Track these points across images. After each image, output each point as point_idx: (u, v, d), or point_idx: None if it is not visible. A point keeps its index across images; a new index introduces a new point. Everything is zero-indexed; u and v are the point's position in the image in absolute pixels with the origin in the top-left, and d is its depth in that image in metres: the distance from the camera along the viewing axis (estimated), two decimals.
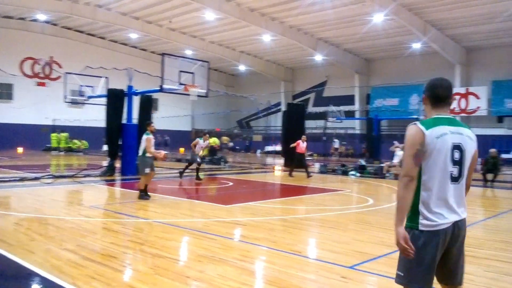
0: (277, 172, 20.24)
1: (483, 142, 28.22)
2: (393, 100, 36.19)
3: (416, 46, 31.71)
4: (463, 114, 32.48)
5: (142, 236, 6.68)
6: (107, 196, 12.13)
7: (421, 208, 2.71)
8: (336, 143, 35.84)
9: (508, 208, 10.49)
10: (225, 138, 39.65)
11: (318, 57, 36.19)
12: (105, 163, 16.68)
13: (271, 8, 28.42)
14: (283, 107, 40.05)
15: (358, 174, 18.39)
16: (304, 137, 17.71)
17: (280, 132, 27.66)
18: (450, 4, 25.44)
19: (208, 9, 27.84)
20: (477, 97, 31.83)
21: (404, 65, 35.30)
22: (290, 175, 17.34)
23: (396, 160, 17.31)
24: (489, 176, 15.61)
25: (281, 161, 21.46)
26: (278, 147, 29.59)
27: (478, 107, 31.63)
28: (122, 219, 7.98)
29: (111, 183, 13.99)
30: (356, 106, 38.58)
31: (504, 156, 26.05)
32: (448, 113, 2.84)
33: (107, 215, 8.44)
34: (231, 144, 41.63)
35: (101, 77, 19.90)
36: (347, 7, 26.47)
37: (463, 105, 32.39)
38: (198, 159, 14.48)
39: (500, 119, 31.77)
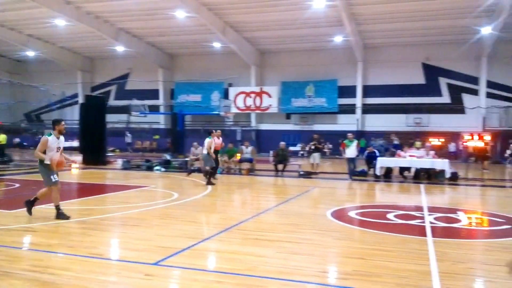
0: (75, 170, 18.60)
1: (275, 136, 31.54)
2: (196, 96, 37.37)
3: (217, 45, 33.35)
4: (258, 111, 35.70)
5: None
6: None
7: None
8: (129, 138, 35.17)
9: (296, 194, 11.84)
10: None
11: (120, 48, 34.69)
12: None
13: None
14: (80, 99, 37.18)
15: (163, 169, 18.30)
16: (218, 131, 15.47)
17: (77, 126, 25.52)
18: (246, 8, 27.49)
19: None
20: (269, 96, 35.36)
21: (207, 63, 36.78)
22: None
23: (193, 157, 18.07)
24: (280, 167, 17.43)
25: (79, 157, 19.81)
26: (76, 143, 27.25)
27: (270, 105, 35.21)
28: None
29: None
30: (161, 101, 38.46)
31: (291, 148, 29.63)
32: None
33: None
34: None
35: None
36: None
37: (257, 103, 35.55)
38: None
39: (288, 116, 36.05)
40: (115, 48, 35.02)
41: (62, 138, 7.74)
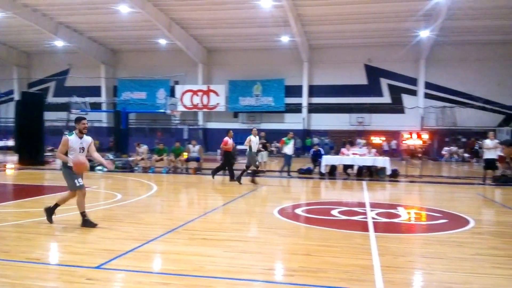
0: (10, 170, 17.55)
1: (222, 135, 31.38)
2: (141, 93, 36.48)
3: (162, 42, 32.72)
4: (205, 110, 35.44)
5: None
6: None
7: None
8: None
9: (243, 192, 11.84)
10: None
11: (59, 43, 33.18)
12: None
13: None
14: (16, 96, 35.18)
15: (105, 169, 17.65)
16: (230, 132, 14.82)
17: (12, 124, 24.09)
18: (193, 5, 27.20)
19: None
20: (217, 94, 35.21)
21: (152, 60, 35.98)
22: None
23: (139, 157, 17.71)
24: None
25: (14, 158, 18.72)
26: (11, 142, 25.71)
27: (218, 104, 35.07)
28: None
29: None
30: (103, 98, 37.17)
31: (239, 147, 29.64)
32: None
33: None
34: None
35: None
36: None
37: (205, 101, 35.28)
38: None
39: (235, 115, 36.06)
40: (54, 43, 33.45)
41: (86, 137, 7.16)
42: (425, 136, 30.94)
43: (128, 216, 8.04)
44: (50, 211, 7.13)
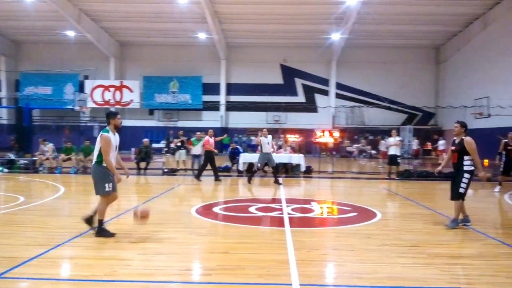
0: None
1: (137, 132, 30.43)
2: (46, 88, 33.97)
3: (71, 34, 30.75)
4: (118, 106, 33.98)
5: None
6: None
7: None
8: None
9: (160, 192, 11.53)
10: None
11: None
12: None
13: None
14: None
15: (6, 170, 16.25)
16: (210, 131, 14.81)
17: None
18: None
19: None
20: (130, 90, 33.89)
21: (59, 52, 33.62)
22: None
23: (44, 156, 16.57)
24: (142, 164, 16.83)
25: None
26: None
27: (132, 100, 33.78)
28: None
29: None
30: (3, 93, 34.09)
31: (155, 145, 28.86)
32: None
33: None
34: None
35: None
36: None
37: (118, 98, 33.83)
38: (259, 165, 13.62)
39: (151, 112, 35.02)
40: None
41: (117, 134, 6.50)
42: (336, 134, 32.52)
43: (32, 221, 7.45)
44: (100, 229, 6.35)
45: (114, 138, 6.48)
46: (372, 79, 34.17)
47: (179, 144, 17.82)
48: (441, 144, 25.76)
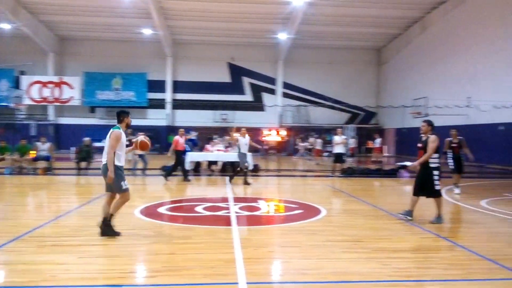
0: None
1: (77, 131, 29.19)
2: None
3: (6, 26, 28.90)
4: (57, 103, 32.48)
5: None
6: None
7: None
8: None
9: (102, 193, 11.09)
10: None
11: None
12: None
13: None
14: None
15: None
16: (181, 131, 14.45)
17: None
18: None
19: None
20: (70, 87, 32.47)
21: None
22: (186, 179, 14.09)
23: None
24: (83, 164, 16.16)
25: None
26: None
27: (72, 97, 32.37)
28: None
29: None
30: None
31: (96, 144, 27.79)
32: None
33: None
34: None
35: None
36: None
37: (56, 94, 32.30)
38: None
39: (92, 109, 33.72)
40: None
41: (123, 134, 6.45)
42: (283, 132, 33.01)
43: None
44: (108, 226, 6.25)
45: (124, 136, 6.52)
46: (317, 79, 34.95)
47: (127, 143, 17.26)
48: (377, 142, 26.74)
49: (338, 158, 16.18)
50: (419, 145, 7.69)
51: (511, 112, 19.59)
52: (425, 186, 7.57)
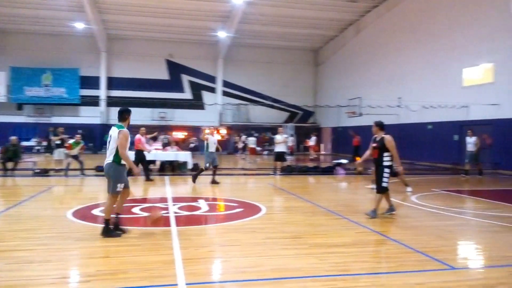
0: None
1: (2, 129, 27.34)
2: None
3: None
4: None
5: None
6: None
7: None
8: None
9: (30, 195, 10.47)
10: None
11: None
12: None
13: None
14: None
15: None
16: (142, 129, 13.87)
17: None
18: None
19: None
20: None
21: None
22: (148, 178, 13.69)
23: None
24: (10, 165, 15.17)
25: None
26: None
27: None
28: None
29: None
30: None
31: (24, 143, 26.21)
32: None
33: None
34: None
35: None
36: None
37: None
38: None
39: (20, 107, 31.70)
40: None
41: None
42: (224, 131, 32.99)
43: None
44: (106, 230, 6.23)
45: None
46: (257, 78, 35.24)
47: (58, 142, 16.39)
48: (311, 140, 27.49)
49: (279, 156, 16.39)
50: (374, 145, 8.02)
51: (438, 112, 20.89)
52: (377, 182, 7.96)
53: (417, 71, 23.38)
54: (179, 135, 32.11)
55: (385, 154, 7.80)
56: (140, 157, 13.62)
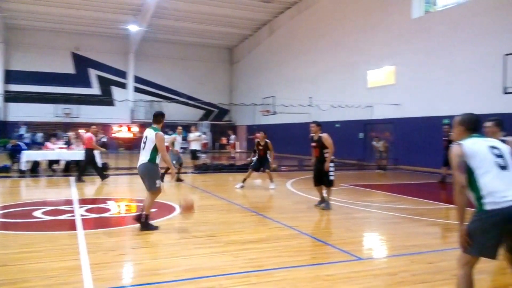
0: None
1: None
2: None
3: None
4: None
5: None
6: None
7: None
8: None
9: None
10: None
11: None
12: None
13: None
14: None
15: None
16: (93, 128, 13.43)
17: None
18: None
19: None
20: None
21: None
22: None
23: None
24: None
25: None
26: None
27: None
28: None
29: None
30: None
31: None
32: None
33: None
34: None
35: None
36: None
37: None
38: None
39: None
40: None
41: None
42: (135, 129, 31.87)
43: None
44: (146, 224, 6.55)
45: None
46: (171, 74, 34.57)
47: None
48: (232, 138, 27.68)
49: (193, 154, 16.23)
50: (313, 144, 8.52)
51: (345, 112, 22.07)
52: (323, 178, 8.49)
53: (327, 72, 24.50)
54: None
55: (325, 151, 8.41)
56: (90, 156, 12.99)
